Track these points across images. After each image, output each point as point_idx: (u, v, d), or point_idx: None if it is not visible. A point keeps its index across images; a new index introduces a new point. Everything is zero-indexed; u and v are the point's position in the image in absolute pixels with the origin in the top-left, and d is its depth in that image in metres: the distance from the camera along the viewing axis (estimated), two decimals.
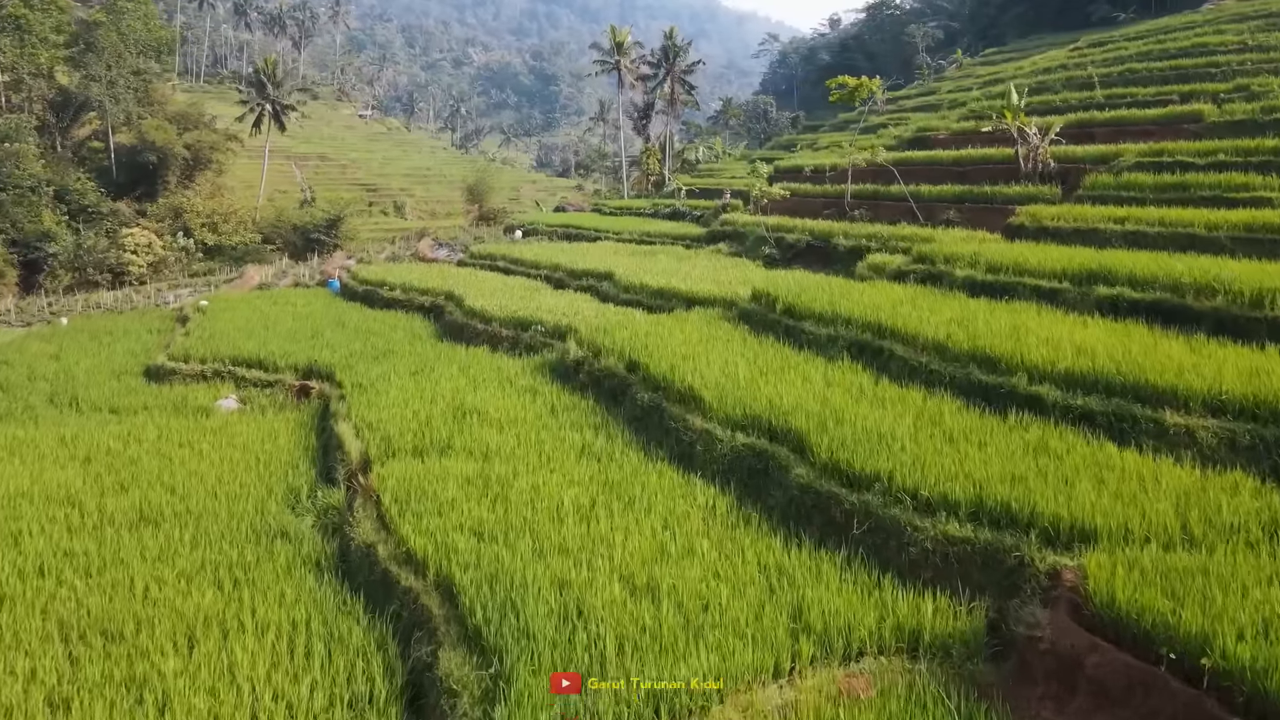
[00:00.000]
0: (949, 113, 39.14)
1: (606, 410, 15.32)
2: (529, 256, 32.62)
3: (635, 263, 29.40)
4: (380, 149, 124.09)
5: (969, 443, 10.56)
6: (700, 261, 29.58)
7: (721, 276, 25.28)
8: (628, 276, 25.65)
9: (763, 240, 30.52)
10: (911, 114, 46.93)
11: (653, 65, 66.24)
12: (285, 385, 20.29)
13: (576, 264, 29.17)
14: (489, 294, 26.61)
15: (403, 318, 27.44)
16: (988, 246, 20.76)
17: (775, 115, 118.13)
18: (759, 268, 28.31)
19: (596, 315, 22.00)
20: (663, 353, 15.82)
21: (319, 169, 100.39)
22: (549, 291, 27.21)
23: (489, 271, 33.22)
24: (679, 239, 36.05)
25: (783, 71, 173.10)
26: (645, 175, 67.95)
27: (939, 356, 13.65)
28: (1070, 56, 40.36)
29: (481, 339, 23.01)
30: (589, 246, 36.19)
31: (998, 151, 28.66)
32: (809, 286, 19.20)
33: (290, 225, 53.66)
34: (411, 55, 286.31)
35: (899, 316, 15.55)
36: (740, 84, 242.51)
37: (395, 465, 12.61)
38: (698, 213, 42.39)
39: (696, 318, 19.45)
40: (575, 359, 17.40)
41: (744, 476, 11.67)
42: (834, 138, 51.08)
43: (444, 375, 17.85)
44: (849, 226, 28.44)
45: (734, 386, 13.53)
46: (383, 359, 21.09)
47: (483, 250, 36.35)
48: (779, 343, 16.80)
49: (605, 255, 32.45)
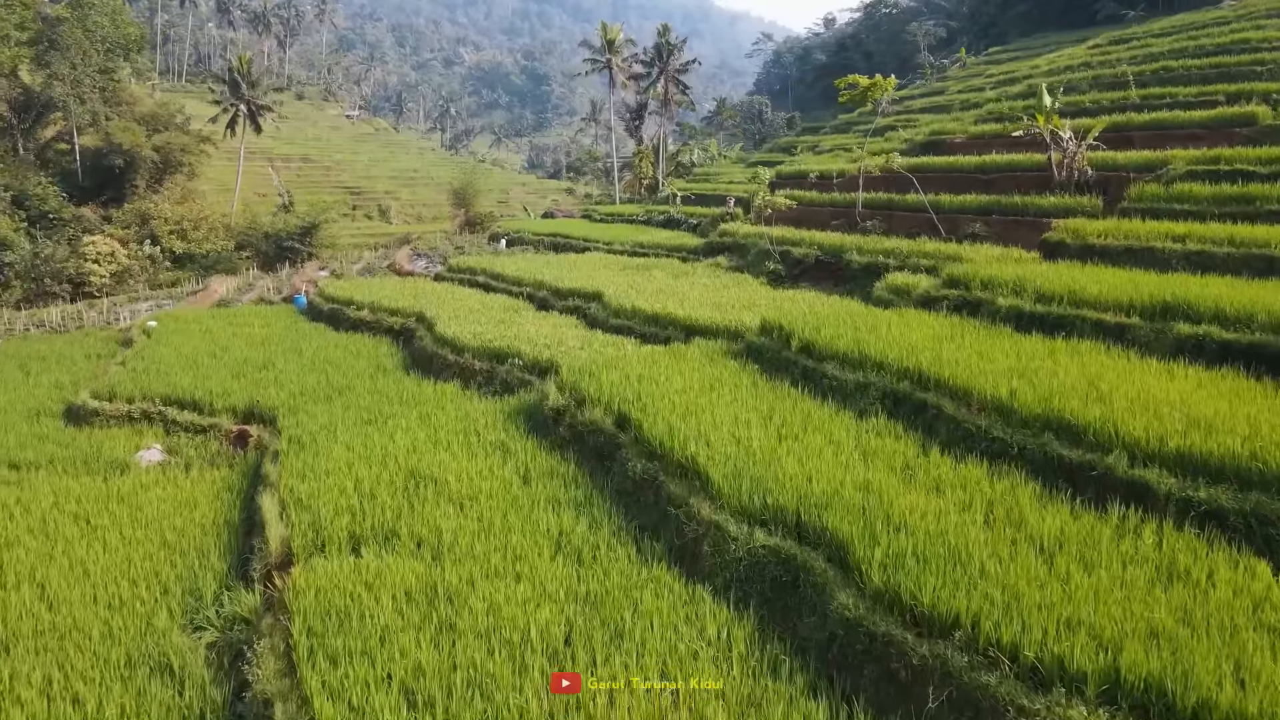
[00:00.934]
0: (963, 114, 36.56)
1: (590, 478, 12.63)
2: (511, 271, 29.91)
3: (627, 280, 26.72)
4: (367, 150, 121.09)
5: (1070, 559, 7.91)
6: (698, 278, 26.91)
7: (723, 298, 22.62)
8: (618, 298, 22.96)
9: (766, 254, 27.88)
10: (919, 115, 44.35)
11: (645, 64, 63.50)
12: (222, 431, 17.54)
13: (562, 282, 26.47)
14: (464, 316, 23.90)
15: (368, 343, 24.69)
16: (1030, 269, 18.14)
17: (770, 116, 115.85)
18: (763, 286, 25.66)
19: (582, 345, 19.32)
20: (659, 404, 13.14)
21: (301, 171, 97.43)
22: (531, 313, 24.51)
23: (468, 288, 30.49)
24: (674, 251, 33.38)
25: (777, 72, 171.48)
26: (638, 178, 65.22)
27: (1002, 420, 11.00)
28: (1091, 54, 37.81)
29: (452, 372, 20.29)
30: (577, 259, 33.49)
31: (1026, 157, 26.07)
32: (827, 318, 16.53)
33: (262, 233, 50.67)
34: (402, 55, 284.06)
35: (943, 362, 12.90)
36: (733, 84, 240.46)
37: (321, 567, 9.90)
38: (694, 221, 39.73)
39: (697, 353, 16.77)
40: (555, 407, 14.70)
41: (766, 591, 9.00)
42: (837, 140, 48.49)
43: (401, 426, 15.14)
44: (862, 240, 25.81)
45: (748, 458, 10.85)
46: (337, 398, 18.36)
47: (462, 263, 33.63)
48: (796, 390, 14.13)
49: (594, 270, 29.76)
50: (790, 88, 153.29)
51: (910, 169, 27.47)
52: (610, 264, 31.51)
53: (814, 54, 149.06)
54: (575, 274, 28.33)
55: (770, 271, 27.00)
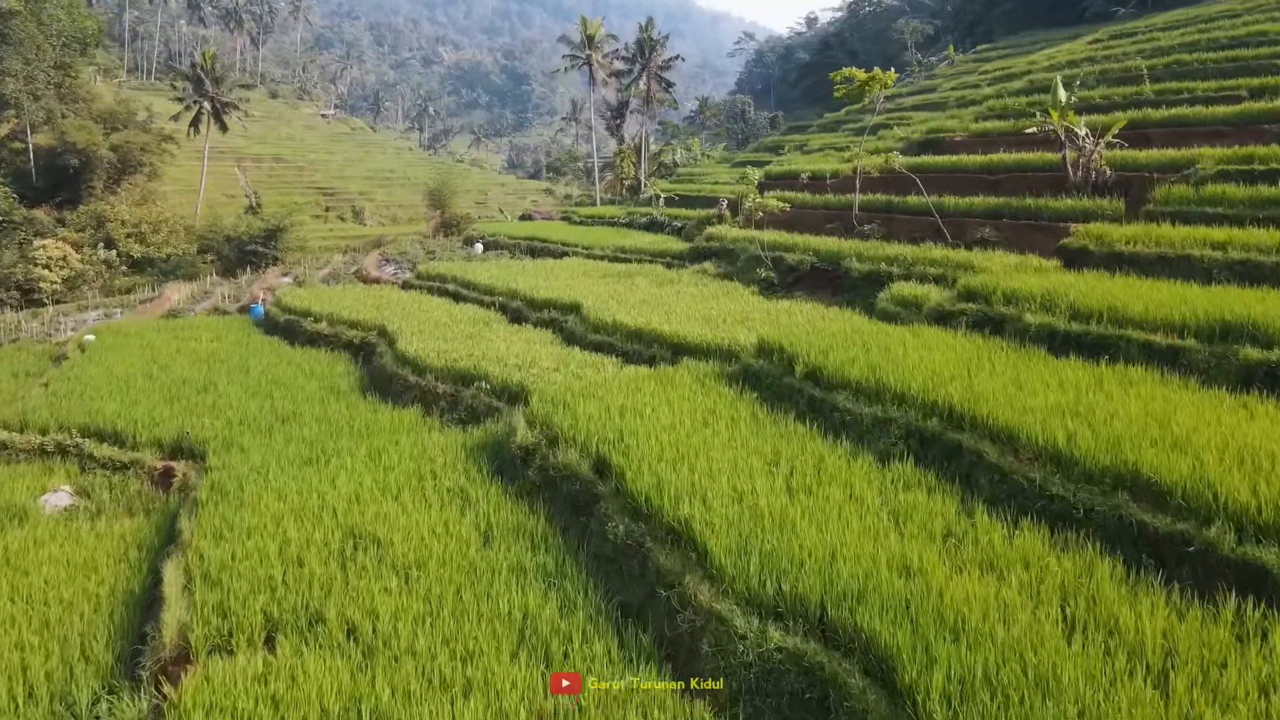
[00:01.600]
0: (960, 112, 34.81)
1: (563, 536, 10.63)
2: (483, 279, 27.81)
3: (607, 289, 24.71)
4: (342, 150, 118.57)
5: (1191, 684, 5.98)
6: (685, 286, 24.94)
7: (713, 309, 20.65)
8: (598, 310, 20.95)
9: (757, 260, 25.95)
10: (912, 113, 42.60)
11: (627, 60, 61.47)
12: (145, 468, 15.38)
13: (538, 291, 24.42)
14: (429, 330, 21.81)
15: (324, 360, 22.55)
16: (1056, 280, 16.29)
17: (753, 115, 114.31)
18: (755, 295, 23.72)
19: (557, 366, 17.29)
20: (644, 446, 11.15)
21: (273, 172, 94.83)
22: (503, 327, 22.44)
23: (437, 297, 28.36)
24: (658, 256, 31.40)
25: (759, 71, 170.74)
26: (619, 179, 63.18)
27: (1060, 472, 9.10)
28: (1093, 49, 36.17)
29: (413, 395, 18.22)
30: (555, 265, 31.43)
31: (1036, 157, 24.28)
32: (834, 338, 14.60)
33: (223, 236, 48.18)
34: (380, 54, 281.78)
35: (976, 394, 11.01)
36: (715, 84, 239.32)
37: (220, 672, 7.83)
38: (678, 223, 37.77)
39: (687, 378, 14.79)
40: (524, 445, 12.68)
41: (785, 709, 7.03)
42: (826, 139, 46.70)
43: (346, 467, 13.07)
44: (861, 245, 23.92)
45: (754, 522, 8.89)
46: (279, 429, 16.24)
47: (432, 270, 31.48)
48: (804, 425, 12.18)
49: (573, 278, 27.73)
50: (773, 87, 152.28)
51: (910, 169, 25.63)
52: (590, 270, 29.48)
53: (796, 53, 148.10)
54: (552, 282, 26.29)
55: (762, 279, 25.08)
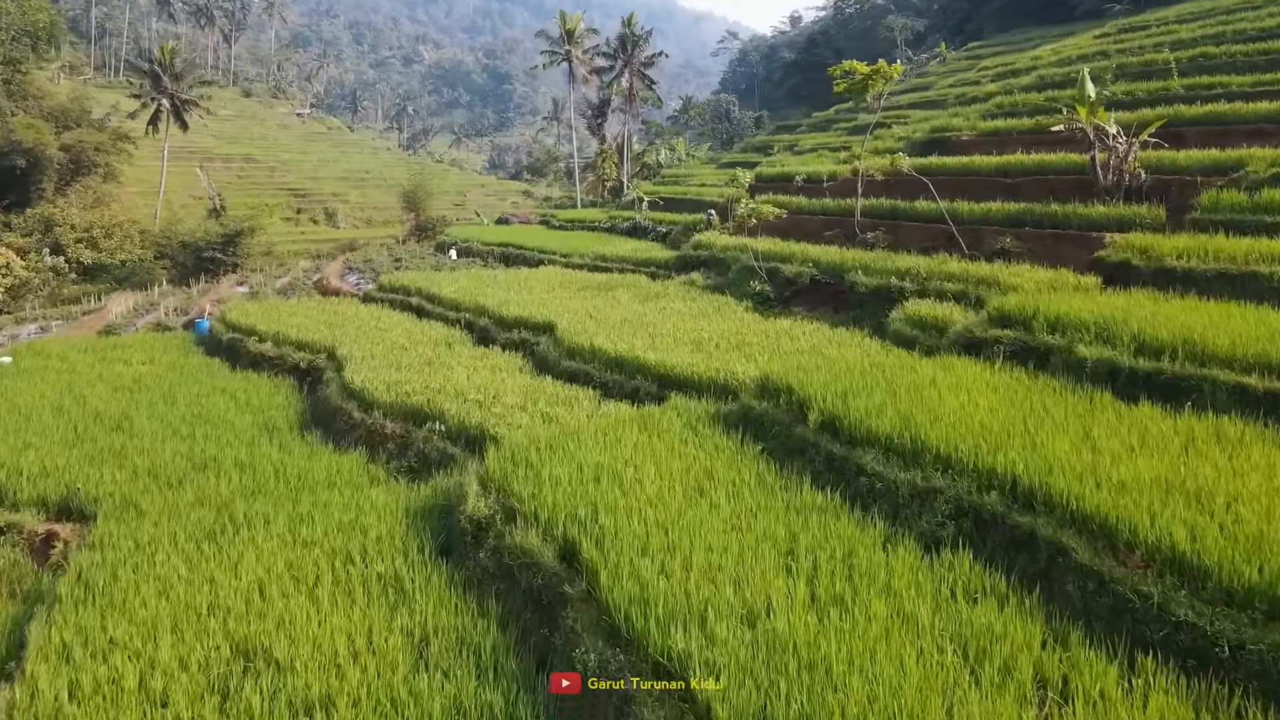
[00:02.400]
0: (963, 109, 32.58)
1: (519, 656, 8.17)
2: (449, 293, 25.27)
3: (585, 304, 22.26)
4: (317, 150, 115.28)
5: None
6: (671, 301, 22.51)
7: (704, 330, 18.24)
8: (574, 330, 18.49)
9: (751, 272, 23.57)
10: (909, 112, 40.39)
11: (608, 57, 58.89)
12: (24, 533, 12.77)
13: (508, 308, 21.92)
14: (384, 355, 19.28)
15: (265, 387, 19.96)
16: (1105, 303, 13.95)
17: (738, 115, 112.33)
18: (749, 312, 21.32)
19: (524, 402, 14.82)
20: (625, 528, 8.76)
21: (243, 172, 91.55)
22: (467, 349, 19.93)
23: (399, 312, 25.82)
24: (641, 265, 28.96)
25: (743, 70, 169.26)
26: (600, 180, 60.66)
27: (1186, 586, 6.74)
28: (1103, 43, 34.04)
29: (358, 435, 15.69)
30: (530, 275, 28.91)
31: (1059, 158, 22.01)
32: (852, 375, 12.21)
33: (178, 242, 45.27)
34: (360, 52, 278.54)
35: (1045, 460, 8.68)
36: (698, 84, 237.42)
37: None
38: (663, 229, 35.37)
39: (676, 422, 12.37)
40: (476, 518, 10.20)
41: None
42: (818, 139, 44.43)
43: (257, 542, 10.55)
44: (866, 256, 21.57)
45: (774, 664, 6.48)
46: (193, 481, 13.69)
47: (395, 281, 28.86)
48: (823, 494, 9.78)
49: (548, 290, 25.24)
50: (757, 87, 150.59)
51: (918, 171, 23.30)
52: (568, 281, 27.00)
53: (781, 52, 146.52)
54: (524, 296, 23.81)
55: (756, 293, 22.68)
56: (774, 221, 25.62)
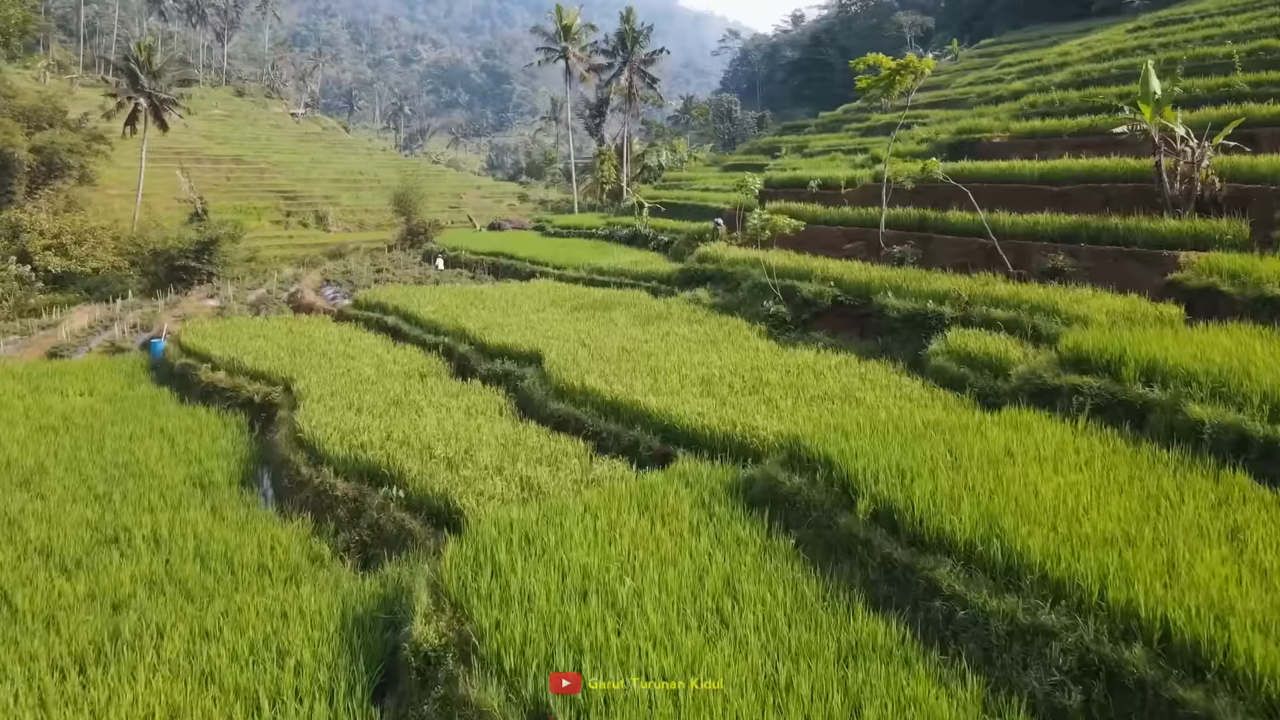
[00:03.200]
0: (990, 109, 30.07)
1: None
2: (428, 312, 22.75)
3: (579, 327, 19.77)
4: (309, 151, 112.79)
5: None
6: (675, 324, 20.00)
7: (714, 363, 15.74)
8: (564, 364, 16.00)
9: (764, 291, 21.07)
10: (926, 111, 37.87)
11: (607, 54, 56.33)
12: None
13: (491, 333, 19.41)
14: (347, 390, 16.79)
15: (211, 426, 17.44)
16: (1209, 342, 11.39)
17: (740, 115, 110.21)
18: (764, 339, 18.82)
19: (501, 461, 12.32)
20: (621, 691, 6.27)
21: (231, 174, 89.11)
22: (443, 384, 17.42)
23: (373, 333, 23.34)
24: (642, 280, 26.45)
25: (744, 70, 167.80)
26: (599, 183, 58.12)
27: None
28: (1139, 38, 31.56)
29: (304, 498, 13.20)
30: (520, 290, 26.39)
31: (1113, 163, 19.51)
32: (904, 440, 9.73)
33: (149, 250, 42.70)
34: (358, 52, 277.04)
35: (1203, 593, 6.22)
36: (698, 84, 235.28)
37: None
38: (665, 237, 32.87)
39: (686, 500, 9.90)
40: (423, 650, 7.71)
41: None
42: (830, 140, 41.91)
43: (137, 676, 8.04)
44: (895, 274, 19.07)
45: None
46: (98, 556, 11.21)
47: (372, 298, 26.29)
48: (881, 622, 7.30)
49: (538, 309, 22.75)
50: (759, 86, 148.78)
51: (951, 177, 20.78)
52: (560, 298, 24.48)
53: (783, 51, 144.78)
54: (511, 318, 21.30)
55: (770, 315, 20.17)
56: (789, 234, 23.10)
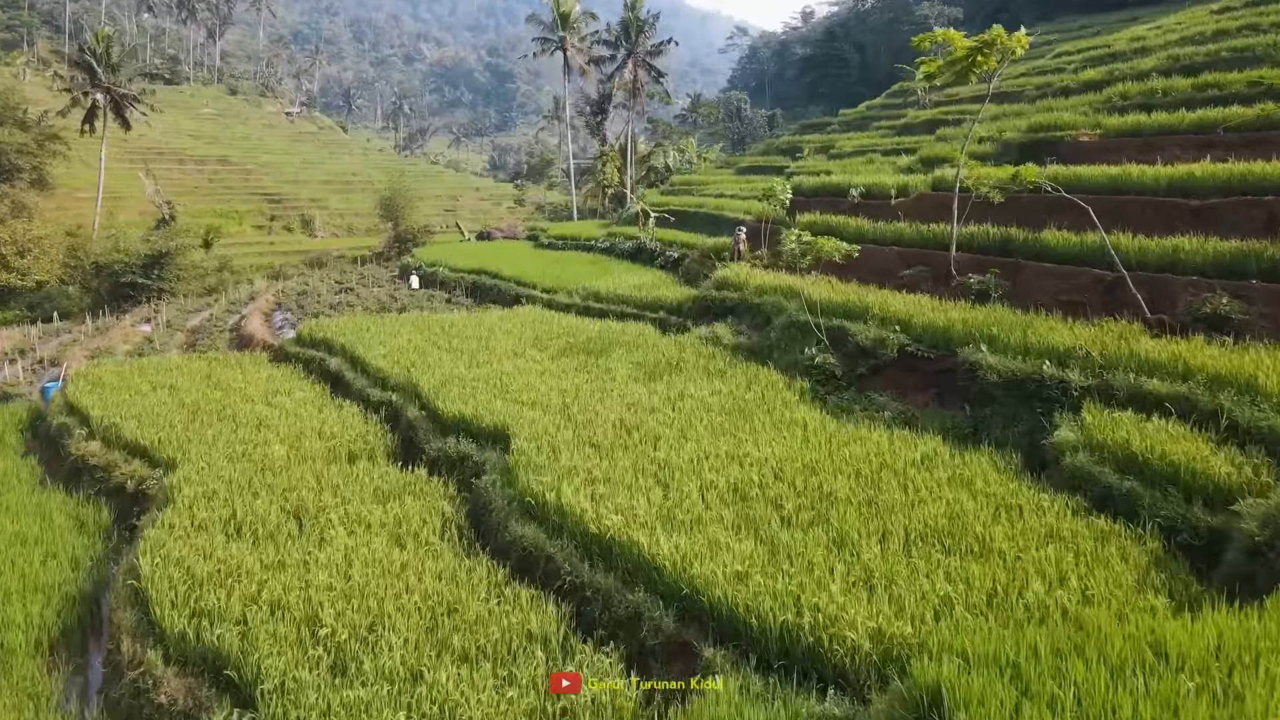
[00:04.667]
0: (1059, 102, 25.25)
1: None
2: (379, 357, 18.03)
3: (564, 385, 15.07)
4: (302, 151, 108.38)
5: None
6: (691, 380, 15.28)
7: (748, 455, 11.04)
8: (538, 454, 11.33)
9: (803, 332, 16.36)
10: (971, 106, 33.08)
11: (610, 45, 51.48)
12: None
13: (449, 396, 14.66)
14: (241, 484, 12.11)
15: (62, 527, 12.77)
16: None
17: (749, 113, 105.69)
18: (811, 406, 14.06)
19: (419, 660, 7.63)
20: None
21: (215, 175, 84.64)
22: (374, 477, 12.67)
23: (310, 381, 18.66)
24: (647, 310, 21.71)
25: (753, 68, 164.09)
26: (600, 186, 53.33)
27: None
28: (1228, 18, 26.76)
29: (126, 684, 8.52)
30: (498, 322, 21.64)
31: (1271, 168, 14.72)
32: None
33: (91, 264, 37.92)
34: (360, 51, 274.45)
35: None
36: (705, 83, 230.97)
37: None
38: (673, 252, 28.14)
39: None
40: None
41: None
42: (859, 140, 37.13)
43: None
44: (979, 316, 14.35)
45: None
46: None
47: (318, 332, 21.51)
48: None
49: (517, 352, 18.04)
50: (768, 84, 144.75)
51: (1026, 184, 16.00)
52: (546, 335, 19.74)
53: (793, 49, 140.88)
54: (480, 368, 16.59)
55: (815, 366, 15.43)
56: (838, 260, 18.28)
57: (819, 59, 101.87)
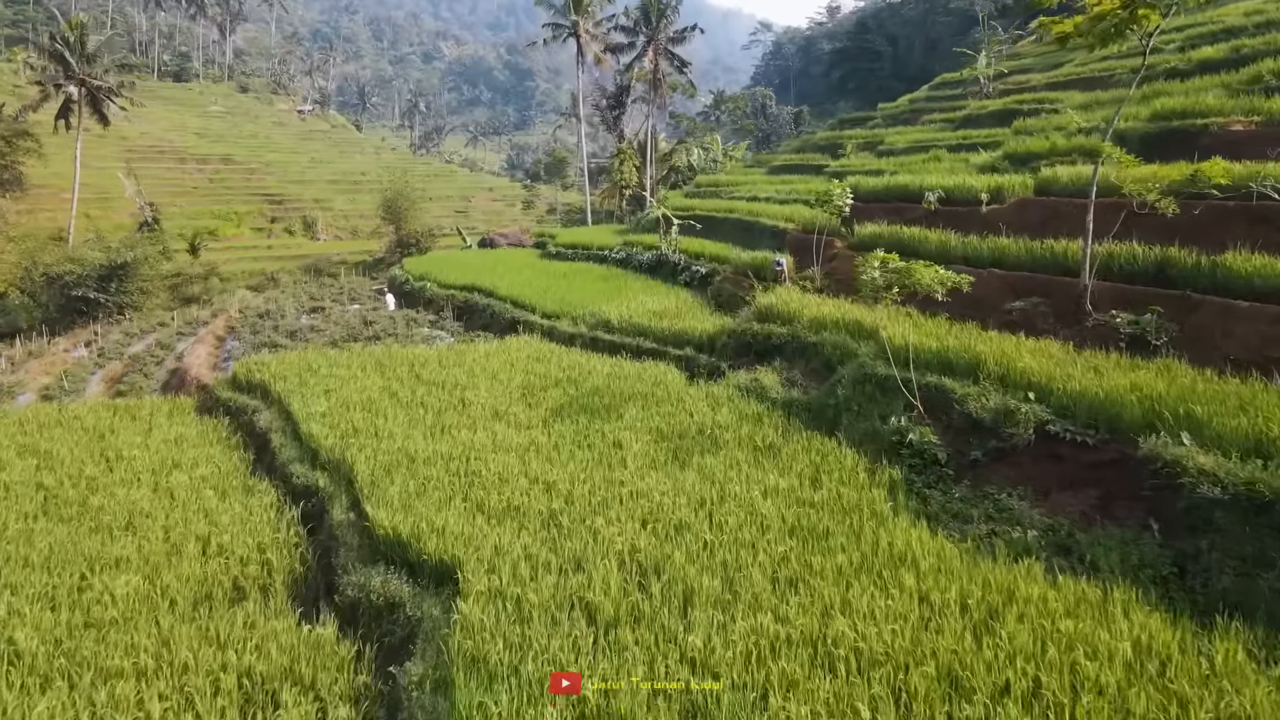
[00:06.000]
0: (1173, 86, 20.49)
1: None
2: (315, 418, 13.63)
3: (553, 473, 10.63)
4: (311, 150, 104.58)
5: None
6: (734, 463, 10.80)
7: (840, 646, 6.57)
8: (501, 612, 6.89)
9: (883, 390, 11.83)
10: (1045, 94, 28.34)
11: (628, 31, 46.86)
12: None
13: (388, 497, 10.26)
14: (61, 642, 7.77)
15: None
16: None
17: (775, 110, 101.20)
18: (909, 519, 9.49)
19: None
20: None
21: (216, 175, 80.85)
22: (261, 630, 8.29)
23: (228, 449, 14.32)
24: (670, 344, 17.22)
25: (777, 64, 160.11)
26: (617, 187, 48.78)
27: None
28: None
29: None
30: (482, 361, 17.21)
31: None
32: None
33: (40, 276, 33.65)
34: (379, 49, 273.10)
35: None
36: (727, 80, 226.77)
37: None
38: (700, 267, 23.64)
39: None
40: None
41: None
42: (911, 135, 32.42)
43: None
44: (1158, 381, 9.77)
45: None
46: None
47: (255, 375, 16.97)
48: None
49: (496, 416, 13.60)
50: (793, 80, 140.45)
51: (1168, 189, 11.41)
52: (539, 381, 15.31)
53: (819, 44, 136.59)
54: (443, 439, 12.17)
55: (907, 446, 10.87)
56: (939, 294, 13.65)
57: (851, 52, 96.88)
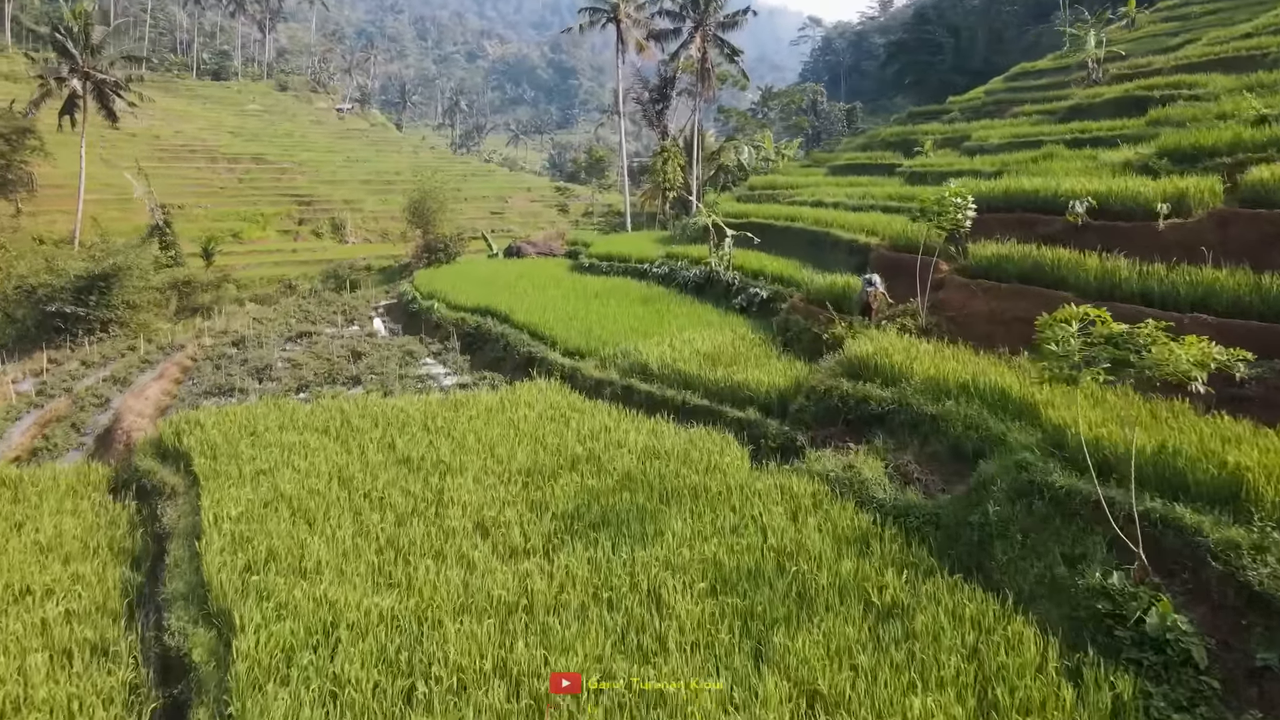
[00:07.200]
0: None
1: None
2: (221, 533, 9.65)
3: (559, 645, 6.46)
4: (347, 148, 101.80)
5: None
6: (837, 657, 6.46)
7: None
8: None
9: (1056, 505, 7.43)
10: (1185, 75, 23.48)
11: (673, 16, 42.30)
12: None
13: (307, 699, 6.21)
14: None
15: None
16: None
17: (825, 107, 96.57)
18: None
19: None
20: None
21: (247, 174, 78.13)
22: None
23: (119, 561, 10.38)
24: (728, 403, 12.94)
25: (826, 60, 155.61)
26: (659, 188, 44.43)
27: None
28: None
29: None
30: (479, 424, 13.07)
31: None
32: None
33: (15, 288, 29.95)
34: (423, 48, 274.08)
35: None
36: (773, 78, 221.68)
37: None
38: (759, 289, 19.29)
39: None
40: None
41: None
42: (1006, 130, 27.67)
43: None
44: None
45: None
46: None
47: (187, 434, 12.86)
48: None
49: (483, 524, 9.48)
50: (844, 76, 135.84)
51: None
52: (551, 463, 11.18)
53: (870, 38, 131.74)
54: (403, 566, 8.06)
55: (1126, 628, 6.52)
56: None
57: (909, 45, 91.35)
